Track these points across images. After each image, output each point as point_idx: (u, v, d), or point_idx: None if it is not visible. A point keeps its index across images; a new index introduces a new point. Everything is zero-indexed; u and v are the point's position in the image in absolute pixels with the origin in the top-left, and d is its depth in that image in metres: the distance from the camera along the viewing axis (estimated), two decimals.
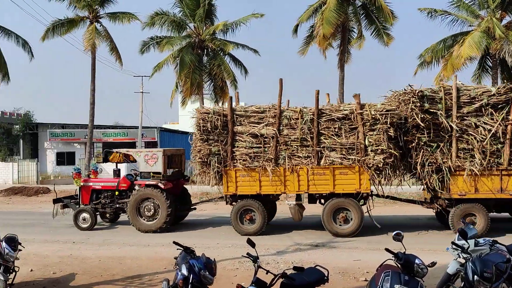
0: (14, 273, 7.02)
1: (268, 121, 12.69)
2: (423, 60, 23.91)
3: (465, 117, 11.72)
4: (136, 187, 13.77)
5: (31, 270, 8.84)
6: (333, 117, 12.31)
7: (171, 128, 48.34)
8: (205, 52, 29.24)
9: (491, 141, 11.61)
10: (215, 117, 12.80)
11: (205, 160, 12.89)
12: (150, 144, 37.88)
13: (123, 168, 21.55)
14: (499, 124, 11.52)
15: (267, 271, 5.18)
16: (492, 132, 11.54)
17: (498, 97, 11.64)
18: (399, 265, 5.38)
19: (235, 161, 12.84)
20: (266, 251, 10.19)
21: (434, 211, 13.61)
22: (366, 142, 11.99)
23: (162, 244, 11.27)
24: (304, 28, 27.05)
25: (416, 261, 5.33)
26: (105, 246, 11.47)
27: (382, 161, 11.87)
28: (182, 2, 27.89)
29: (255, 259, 5.18)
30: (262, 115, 12.80)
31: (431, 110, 11.71)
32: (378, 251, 10.12)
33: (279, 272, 5.26)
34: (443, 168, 11.74)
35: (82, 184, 14.43)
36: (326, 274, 5.70)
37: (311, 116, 12.39)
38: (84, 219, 13.92)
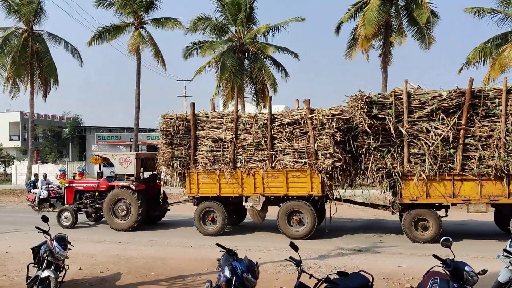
0: (64, 271, 7.28)
1: (227, 126, 13.20)
2: (468, 60, 23.07)
3: (417, 122, 11.50)
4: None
5: (80, 269, 9.14)
6: (285, 122, 12.64)
7: None
8: (246, 56, 29.44)
9: (443, 146, 11.32)
10: (178, 123, 13.46)
11: (169, 163, 13.54)
12: None
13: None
14: (450, 129, 11.22)
15: (310, 275, 5.12)
16: (442, 137, 11.27)
17: (449, 101, 11.35)
18: (448, 272, 5.20)
19: (197, 164, 13.40)
20: (308, 255, 10.11)
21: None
22: (316, 146, 12.17)
23: (205, 246, 11.41)
24: (345, 29, 26.75)
25: (466, 268, 5.13)
26: (150, 246, 11.72)
27: (331, 164, 11.96)
28: (224, 7, 28.21)
29: (298, 263, 5.14)
30: (221, 120, 13.34)
31: (379, 115, 11.54)
32: (424, 257, 9.88)
33: (322, 276, 5.19)
34: (393, 173, 11.58)
35: (67, 185, 15.52)
36: (370, 280, 5.57)
37: (265, 121, 12.78)
38: (66, 218, 14.87)
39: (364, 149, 11.80)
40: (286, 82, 30.38)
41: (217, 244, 5.87)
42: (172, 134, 13.55)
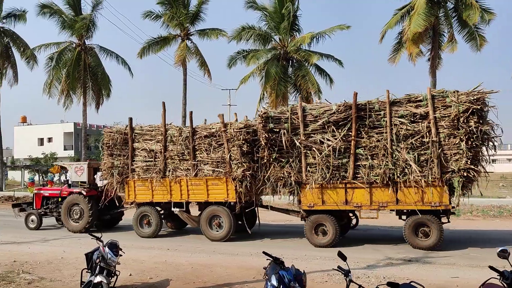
0: (115, 276, 7.49)
1: (157, 138, 14.50)
2: None
3: (311, 135, 12.28)
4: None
5: (130, 275, 9.37)
6: (203, 135, 13.84)
7: None
8: (290, 64, 29.47)
9: (336, 156, 11.99)
10: (118, 136, 14.90)
11: (109, 172, 14.95)
12: None
13: None
14: (341, 140, 11.91)
15: (359, 286, 5.00)
16: (333, 148, 11.97)
17: (338, 115, 12.06)
18: (505, 285, 4.93)
19: (133, 173, 14.74)
20: (356, 265, 9.90)
21: None
22: (229, 157, 13.33)
23: (251, 254, 11.43)
24: (390, 35, 26.38)
25: None
26: (197, 253, 11.87)
27: (242, 173, 13.06)
28: (268, 16, 28.41)
29: (346, 273, 5.04)
30: (153, 133, 14.66)
31: (275, 129, 12.44)
32: (478, 268, 9.48)
33: (372, 287, 5.07)
34: (291, 182, 12.45)
35: (35, 192, 17.49)
36: None
37: (187, 134, 13.97)
38: (32, 221, 16.65)
39: (265, 160, 12.70)
40: (331, 88, 30.18)
41: (264, 253, 5.86)
42: (112, 146, 15.01)
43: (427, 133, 11.29)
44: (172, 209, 14.69)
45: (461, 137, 10.93)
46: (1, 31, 33.17)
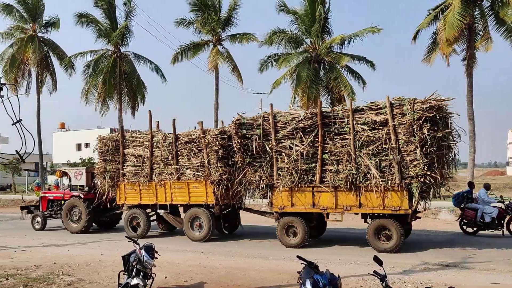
0: (151, 279, 7.59)
1: (145, 144, 15.35)
2: None
3: (282, 140, 12.78)
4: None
5: (165, 277, 9.51)
6: (185, 141, 14.59)
7: None
8: (321, 66, 29.32)
9: (304, 161, 12.47)
10: (110, 142, 15.82)
11: (102, 176, 15.93)
12: None
13: None
14: (308, 145, 12.37)
15: None
16: (301, 153, 12.45)
17: (305, 122, 12.55)
18: None
19: (124, 177, 15.65)
20: (392, 270, 9.73)
21: None
22: (207, 161, 14.07)
23: (284, 258, 11.40)
24: (424, 35, 25.99)
25: None
26: (230, 257, 11.94)
27: (219, 176, 13.78)
28: (298, 19, 28.38)
29: (382, 278, 4.96)
30: (141, 139, 15.53)
31: (248, 135, 12.98)
32: None
33: None
34: (263, 185, 13.11)
35: (41, 195, 18.69)
36: None
37: (171, 140, 14.69)
38: (37, 222, 17.79)
39: (239, 164, 13.30)
40: (364, 90, 29.86)
41: (298, 257, 5.84)
42: (105, 152, 15.99)
43: (387, 140, 11.62)
44: (158, 211, 15.65)
45: (416, 144, 11.21)
46: (40, 40, 34.38)
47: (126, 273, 7.43)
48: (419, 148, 11.16)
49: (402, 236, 11.87)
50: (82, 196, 16.83)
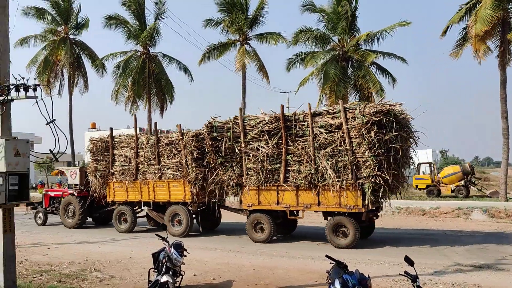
0: (180, 276, 7.70)
1: (131, 146, 16.44)
2: None
3: (250, 142, 13.63)
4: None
5: (194, 275, 9.60)
6: (165, 143, 15.61)
7: None
8: (349, 64, 29.01)
9: (269, 162, 13.30)
10: (101, 143, 16.99)
11: (93, 175, 17.14)
12: None
13: None
14: (272, 147, 13.18)
15: None
16: (267, 154, 13.29)
17: (270, 125, 13.33)
18: None
19: (113, 176, 16.78)
20: (422, 270, 9.56)
21: None
22: (185, 162, 14.99)
23: (312, 257, 11.35)
24: (454, 30, 25.42)
25: None
26: (258, 255, 11.96)
27: (195, 176, 14.73)
28: (325, 17, 28.16)
29: (414, 278, 4.88)
30: (128, 141, 16.61)
31: (218, 137, 13.96)
32: None
33: None
34: (233, 184, 13.99)
35: (44, 192, 20.20)
36: None
37: (153, 142, 15.73)
38: (39, 218, 19.40)
39: (212, 164, 14.28)
40: (394, 88, 29.37)
41: (327, 256, 5.80)
42: (96, 152, 17.17)
43: (342, 142, 12.29)
44: (142, 207, 16.77)
45: (365, 146, 11.82)
46: (72, 42, 35.20)
47: (156, 270, 7.55)
48: (368, 150, 11.80)
49: (358, 233, 12.49)
50: (76, 194, 18.15)
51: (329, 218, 13.14)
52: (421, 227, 17.02)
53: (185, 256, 7.78)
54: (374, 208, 12.67)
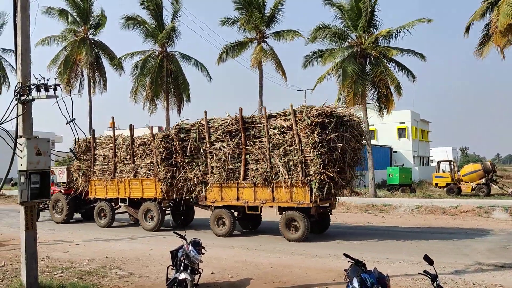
0: (198, 274, 7.73)
1: (110, 146, 17.70)
2: None
3: (214, 143, 14.70)
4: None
5: (212, 273, 9.65)
6: (138, 143, 16.82)
7: None
8: (367, 61, 28.75)
9: (230, 161, 14.32)
10: (83, 144, 17.43)
11: (76, 173, 18.50)
12: None
13: None
14: (233, 147, 14.23)
15: None
16: (226, 153, 14.34)
17: (231, 127, 14.38)
18: None
19: (94, 174, 18.03)
20: (443, 269, 9.43)
21: None
22: (156, 161, 16.20)
23: (330, 256, 11.30)
24: (476, 28, 24.93)
25: None
26: (275, 253, 11.95)
27: (164, 175, 15.88)
28: (344, 14, 27.94)
29: (433, 278, 4.82)
30: (107, 142, 17.94)
31: (185, 138, 15.08)
32: None
33: None
34: (197, 182, 15.09)
35: None
36: None
37: (129, 143, 16.98)
38: None
39: (180, 164, 15.39)
40: (414, 84, 29.03)
41: (345, 255, 5.77)
42: (80, 152, 17.43)
43: (293, 142, 13.20)
44: (120, 203, 17.85)
45: (310, 146, 12.74)
46: (91, 42, 35.67)
47: (174, 267, 7.60)
48: (312, 149, 12.72)
49: (308, 227, 13.40)
50: (63, 192, 19.56)
51: (283, 213, 14.02)
52: (441, 225, 16.80)
53: (203, 254, 7.81)
54: (328, 204, 14.03)
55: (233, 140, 14.30)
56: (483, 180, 29.75)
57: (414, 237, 13.93)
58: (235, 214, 15.15)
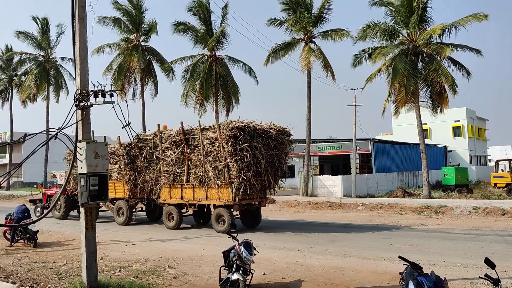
0: (250, 275, 7.78)
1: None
2: None
3: (165, 150, 17.56)
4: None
5: (264, 274, 9.68)
6: (110, 152, 18.36)
7: (384, 139, 47.21)
8: (419, 58, 27.92)
9: (177, 166, 17.20)
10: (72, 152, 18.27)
11: (69, 177, 19.17)
12: (364, 156, 37.58)
13: None
14: (178, 154, 17.08)
15: None
16: (173, 160, 17.15)
17: (176, 137, 17.16)
18: None
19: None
20: (504, 274, 8.99)
21: None
22: (123, 167, 18.98)
23: (384, 258, 11.05)
24: None
25: None
26: (327, 255, 11.83)
27: (129, 177, 18.78)
28: (394, 11, 27.30)
29: (495, 282, 4.60)
30: None
31: (143, 147, 18.20)
32: None
33: None
34: (150, 184, 18.07)
35: (43, 191, 24.27)
36: None
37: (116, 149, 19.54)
38: (37, 211, 22.84)
39: (140, 168, 18.35)
40: (468, 81, 27.91)
41: (400, 257, 5.62)
42: (70, 159, 19.53)
43: (220, 151, 15.73)
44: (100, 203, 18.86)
45: (226, 155, 15.44)
46: (143, 48, 36.82)
47: (227, 268, 7.70)
48: (229, 157, 15.29)
49: (232, 220, 15.59)
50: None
51: (215, 209, 16.63)
52: (501, 228, 16.01)
53: (255, 254, 7.85)
54: (254, 203, 16.65)
55: (178, 148, 17.08)
56: None
57: (472, 240, 13.38)
58: (183, 210, 17.92)
